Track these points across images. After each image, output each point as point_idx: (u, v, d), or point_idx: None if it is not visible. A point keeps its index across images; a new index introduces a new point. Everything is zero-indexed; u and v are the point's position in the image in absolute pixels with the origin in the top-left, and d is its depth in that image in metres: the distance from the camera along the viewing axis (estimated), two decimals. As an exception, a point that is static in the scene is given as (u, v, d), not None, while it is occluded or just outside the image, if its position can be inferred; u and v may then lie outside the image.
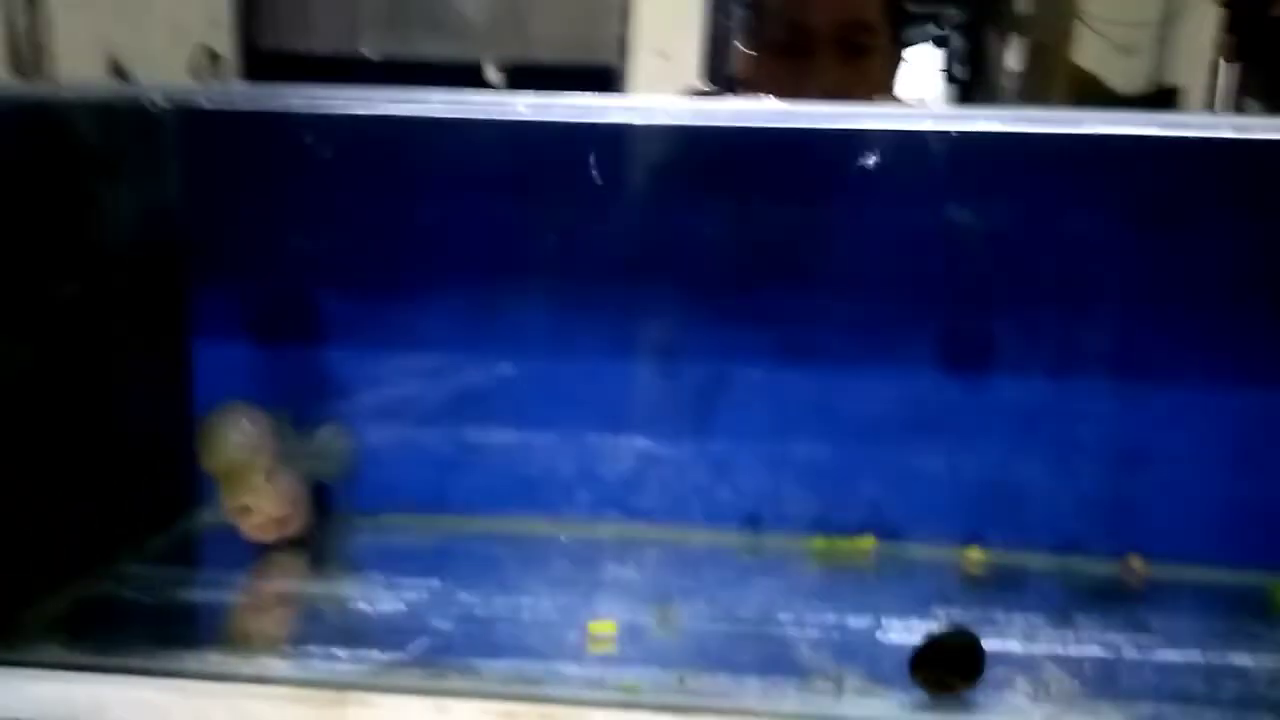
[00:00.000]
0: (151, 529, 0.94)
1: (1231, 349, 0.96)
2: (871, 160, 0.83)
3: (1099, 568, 0.97)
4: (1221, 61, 2.80)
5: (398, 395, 0.99)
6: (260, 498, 0.90)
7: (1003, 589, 0.93)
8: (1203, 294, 0.95)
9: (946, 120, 0.80)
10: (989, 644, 0.76)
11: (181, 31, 3.22)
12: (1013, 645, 0.82)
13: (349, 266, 1.00)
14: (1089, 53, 2.95)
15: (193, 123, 0.94)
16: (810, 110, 0.79)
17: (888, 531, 0.99)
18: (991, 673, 0.75)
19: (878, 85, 1.19)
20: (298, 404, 0.96)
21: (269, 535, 0.92)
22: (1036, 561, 0.97)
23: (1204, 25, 2.79)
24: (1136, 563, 0.96)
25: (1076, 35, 2.92)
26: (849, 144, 0.89)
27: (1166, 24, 2.97)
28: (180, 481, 0.95)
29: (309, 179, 0.96)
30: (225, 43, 3.35)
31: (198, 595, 0.86)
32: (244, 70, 3.38)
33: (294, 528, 0.93)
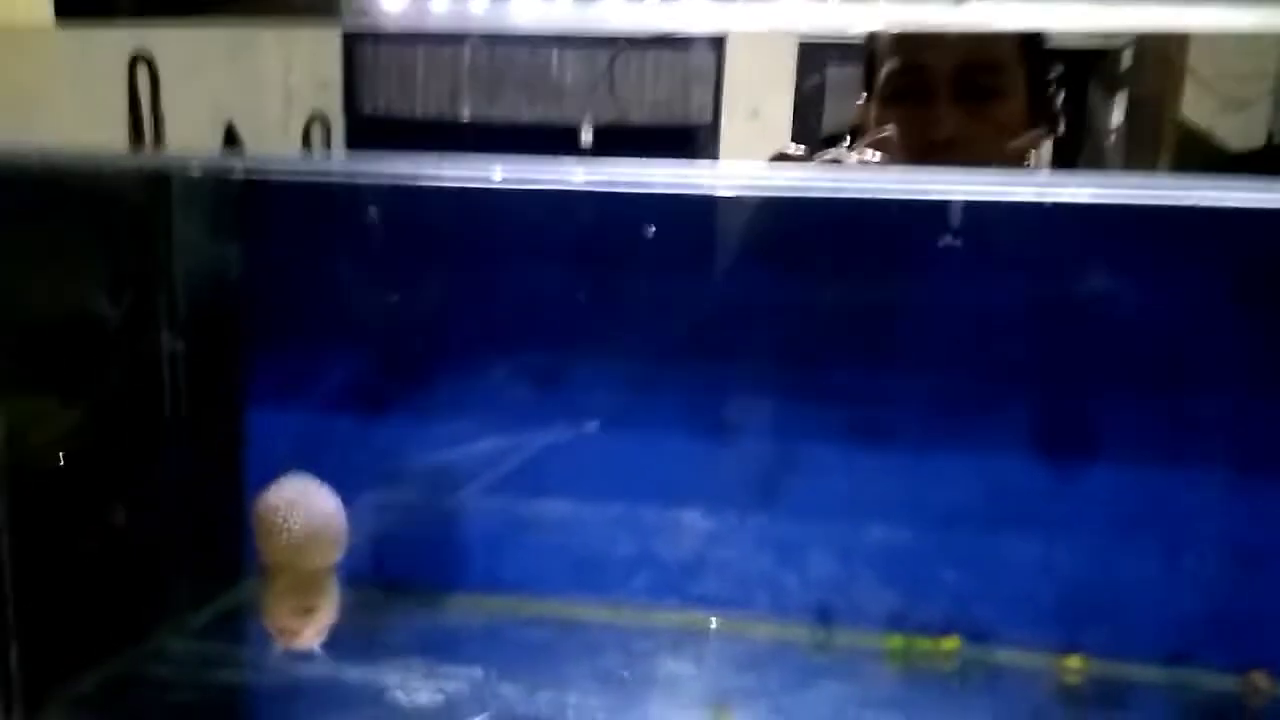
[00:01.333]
0: (194, 603, 0.91)
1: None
2: (955, 233, 0.76)
3: (1215, 682, 0.86)
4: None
5: (451, 468, 0.95)
6: (326, 598, 0.77)
7: (1105, 704, 0.83)
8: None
9: (1043, 187, 0.72)
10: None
11: (295, 96, 3.34)
12: (1114, 774, 0.72)
13: (408, 337, 0.97)
14: (1198, 108, 2.82)
15: (261, 191, 0.93)
16: (885, 178, 0.73)
17: (974, 632, 0.90)
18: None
19: (1009, 132, 1.04)
20: (348, 478, 0.93)
21: (317, 640, 0.79)
22: (1143, 673, 0.87)
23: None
24: (1261, 679, 0.85)
25: (1184, 89, 2.79)
26: (935, 211, 0.82)
27: (1286, 80, 2.82)
28: (225, 555, 0.93)
29: (370, 247, 0.94)
30: (334, 106, 3.45)
31: (230, 677, 0.83)
32: (346, 136, 3.47)
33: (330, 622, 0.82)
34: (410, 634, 0.90)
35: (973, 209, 0.80)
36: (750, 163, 0.77)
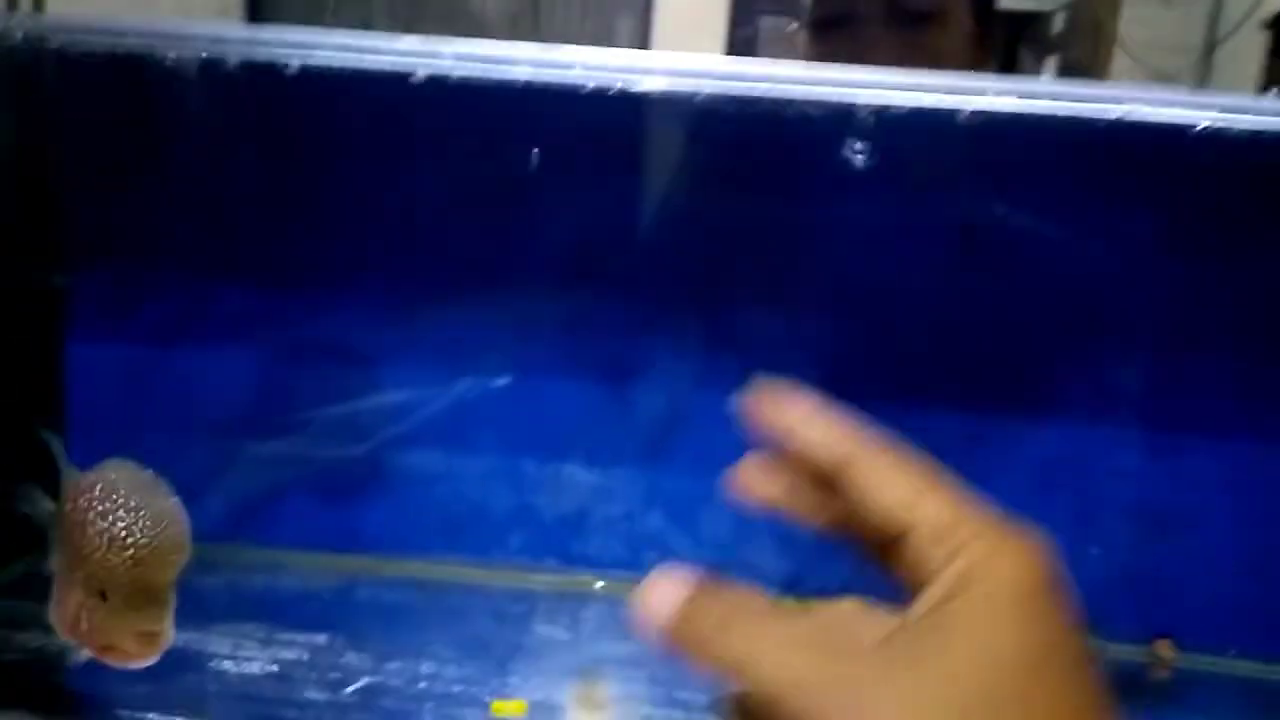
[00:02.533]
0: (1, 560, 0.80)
1: (1287, 399, 0.81)
2: (870, 148, 0.68)
3: (1120, 652, 0.81)
4: (1271, 89, 2.64)
5: (297, 411, 0.85)
6: (171, 618, 0.58)
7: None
8: (1252, 335, 0.80)
9: (967, 93, 0.64)
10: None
11: (190, 17, 3.14)
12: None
13: (250, 254, 0.85)
14: (1125, 78, 2.81)
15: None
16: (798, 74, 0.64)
17: (869, 596, 0.83)
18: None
19: (946, 61, 0.95)
20: (181, 421, 0.82)
21: (149, 656, 0.60)
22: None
23: (1250, 50, 2.64)
24: (1165, 649, 0.81)
25: (1113, 59, 2.78)
26: (849, 121, 0.74)
27: (1209, 50, 2.82)
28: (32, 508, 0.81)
29: (207, 139, 0.83)
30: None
31: (31, 641, 0.72)
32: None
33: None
34: (247, 598, 0.81)
35: (891, 123, 0.72)
36: (665, 52, 0.67)
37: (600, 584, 0.87)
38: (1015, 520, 0.27)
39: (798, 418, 0.31)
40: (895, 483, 0.29)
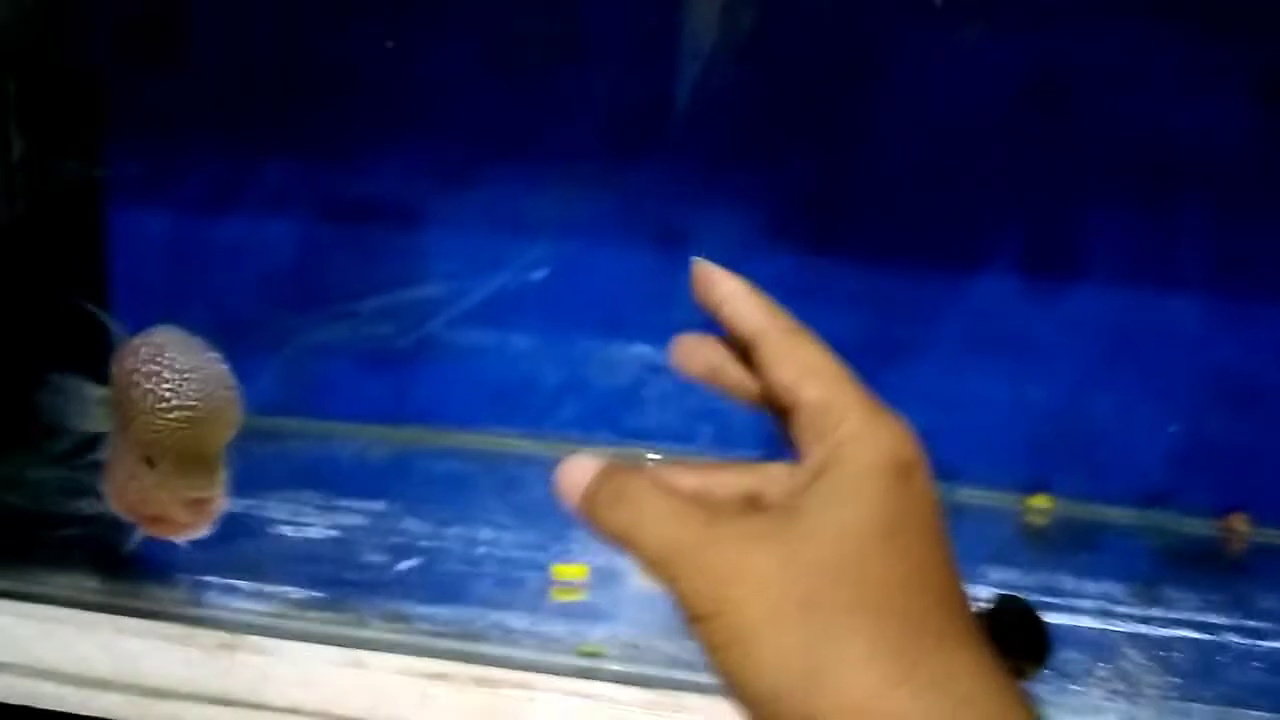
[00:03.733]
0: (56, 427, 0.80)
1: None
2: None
3: (1192, 527, 0.79)
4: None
5: (343, 282, 0.83)
6: (221, 486, 0.57)
7: (1072, 548, 0.76)
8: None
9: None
10: (1052, 619, 0.60)
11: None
12: (1084, 621, 0.65)
13: (304, 112, 0.82)
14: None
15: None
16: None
17: (934, 469, 0.81)
18: (1057, 657, 0.58)
19: None
20: (232, 291, 0.81)
21: (207, 530, 0.60)
22: (1115, 515, 0.80)
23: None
24: (1239, 522, 0.79)
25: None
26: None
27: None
28: (97, 368, 0.80)
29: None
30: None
31: (90, 506, 0.72)
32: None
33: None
34: (303, 466, 0.80)
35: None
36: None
37: (654, 456, 0.86)
38: (882, 405, 0.30)
39: (725, 293, 0.32)
40: (789, 362, 0.31)
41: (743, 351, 0.32)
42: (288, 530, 0.71)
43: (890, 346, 0.80)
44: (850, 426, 0.29)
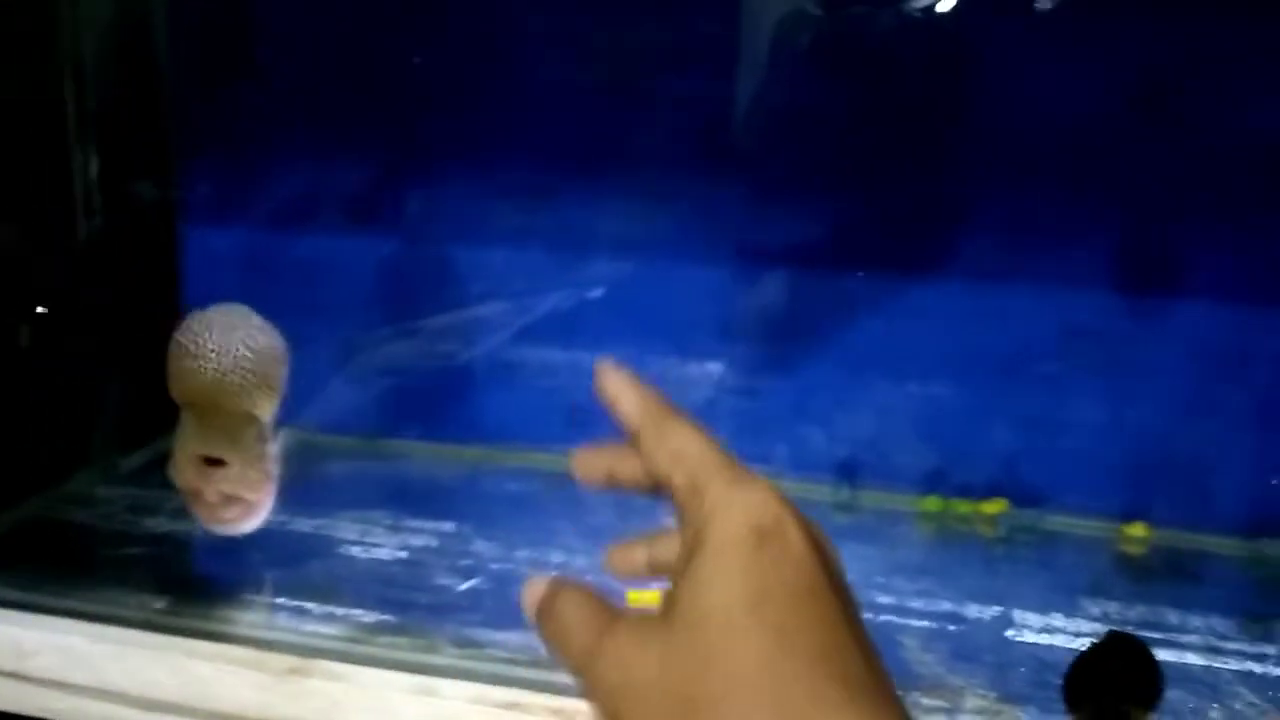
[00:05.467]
0: (124, 445, 0.80)
1: None
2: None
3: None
4: None
5: (423, 300, 0.82)
6: (243, 453, 0.58)
7: (1173, 580, 0.72)
8: None
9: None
10: (1156, 656, 0.56)
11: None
12: (1190, 659, 0.61)
13: (377, 136, 0.82)
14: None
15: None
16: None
17: (1023, 496, 0.78)
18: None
19: None
20: (301, 309, 0.80)
21: (230, 518, 0.60)
22: (1219, 545, 0.75)
23: None
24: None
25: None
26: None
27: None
28: (159, 393, 0.81)
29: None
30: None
31: (159, 525, 0.72)
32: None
33: (266, 507, 0.62)
34: (373, 486, 0.79)
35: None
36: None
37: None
38: (744, 475, 0.29)
39: (612, 392, 0.33)
40: (661, 451, 0.31)
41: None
42: (357, 551, 0.69)
43: (983, 366, 0.76)
44: (709, 503, 0.28)
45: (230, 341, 0.61)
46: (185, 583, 0.66)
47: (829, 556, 0.28)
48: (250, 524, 0.61)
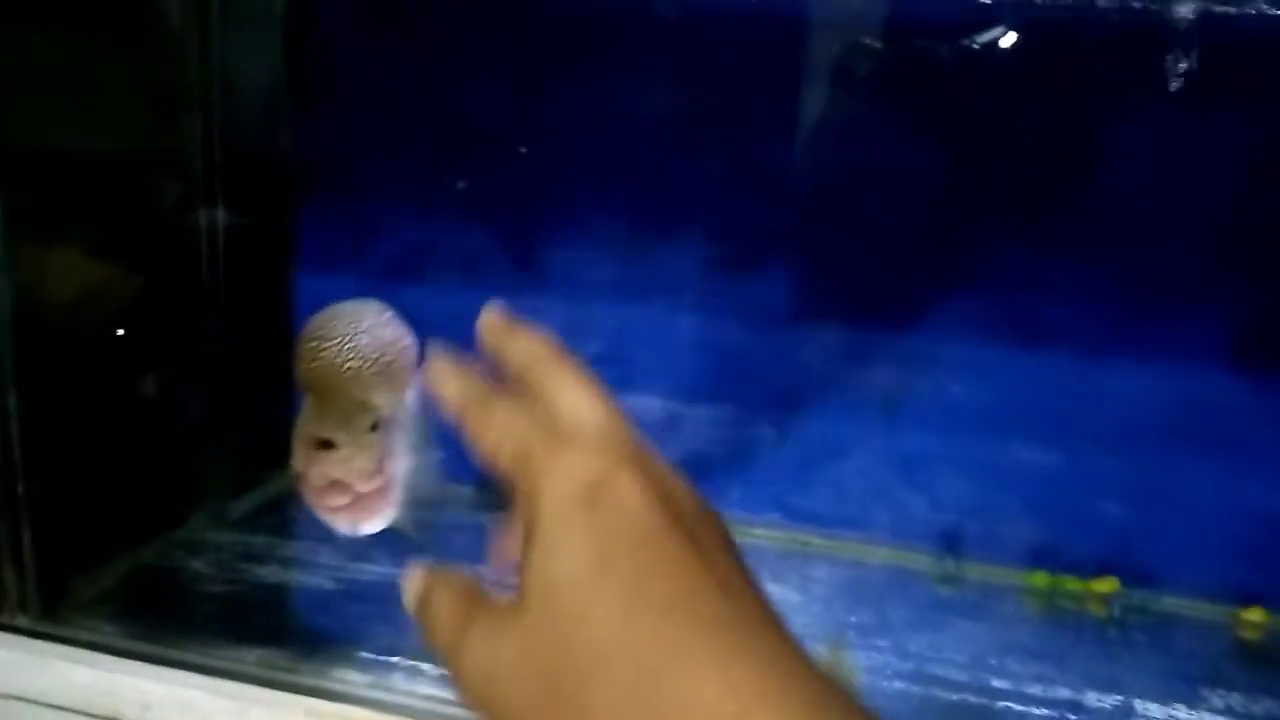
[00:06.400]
0: (235, 490, 0.81)
1: None
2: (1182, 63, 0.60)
3: None
4: None
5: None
6: (357, 440, 0.57)
7: (1296, 669, 0.69)
8: None
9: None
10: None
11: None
12: (1325, 761, 0.59)
13: (487, 188, 0.83)
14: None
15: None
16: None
17: (1135, 574, 0.76)
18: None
19: None
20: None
21: (342, 506, 0.58)
22: (1343, 634, 0.73)
23: None
24: None
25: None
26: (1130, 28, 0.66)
27: None
28: (271, 437, 0.82)
29: (449, 73, 0.80)
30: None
31: (276, 574, 0.73)
32: None
33: (381, 511, 0.60)
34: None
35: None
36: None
37: (823, 544, 0.83)
38: (566, 434, 0.28)
39: (435, 380, 0.33)
40: (488, 433, 0.30)
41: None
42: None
43: (1094, 440, 0.75)
44: (533, 475, 0.27)
45: (354, 329, 0.60)
46: (304, 636, 0.66)
47: (675, 492, 0.28)
48: (363, 523, 0.58)
